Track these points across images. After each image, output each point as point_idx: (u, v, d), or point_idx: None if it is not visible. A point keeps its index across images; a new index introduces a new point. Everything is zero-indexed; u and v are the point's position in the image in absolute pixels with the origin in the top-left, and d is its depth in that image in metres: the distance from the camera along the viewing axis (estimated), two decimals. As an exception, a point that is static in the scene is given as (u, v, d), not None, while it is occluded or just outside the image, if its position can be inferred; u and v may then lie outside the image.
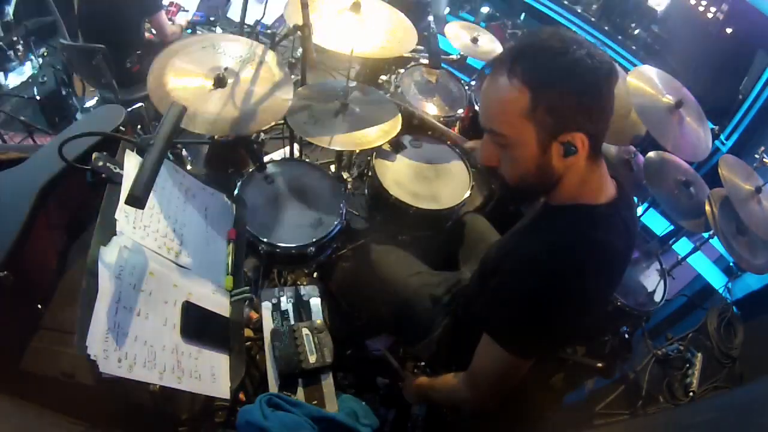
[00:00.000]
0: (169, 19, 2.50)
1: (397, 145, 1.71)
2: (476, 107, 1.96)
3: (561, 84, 0.71)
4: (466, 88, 2.07)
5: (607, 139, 0.82)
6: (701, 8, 3.17)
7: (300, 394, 1.00)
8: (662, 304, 1.72)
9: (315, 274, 1.72)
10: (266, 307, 1.13)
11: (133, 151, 0.97)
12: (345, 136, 1.49)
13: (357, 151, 2.13)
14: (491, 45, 2.25)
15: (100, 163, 0.89)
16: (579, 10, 3.76)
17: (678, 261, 2.16)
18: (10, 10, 2.57)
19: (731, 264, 2.55)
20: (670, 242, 2.30)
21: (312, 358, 1.03)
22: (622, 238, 0.84)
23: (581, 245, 0.80)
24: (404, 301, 1.27)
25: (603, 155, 0.84)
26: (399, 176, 1.64)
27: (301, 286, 1.18)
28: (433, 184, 1.65)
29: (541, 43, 0.73)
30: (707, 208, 1.76)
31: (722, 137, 3.08)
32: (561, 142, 0.75)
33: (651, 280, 1.78)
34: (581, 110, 0.73)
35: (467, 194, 1.62)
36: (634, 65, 3.25)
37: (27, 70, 2.68)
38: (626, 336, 1.81)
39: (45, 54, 2.72)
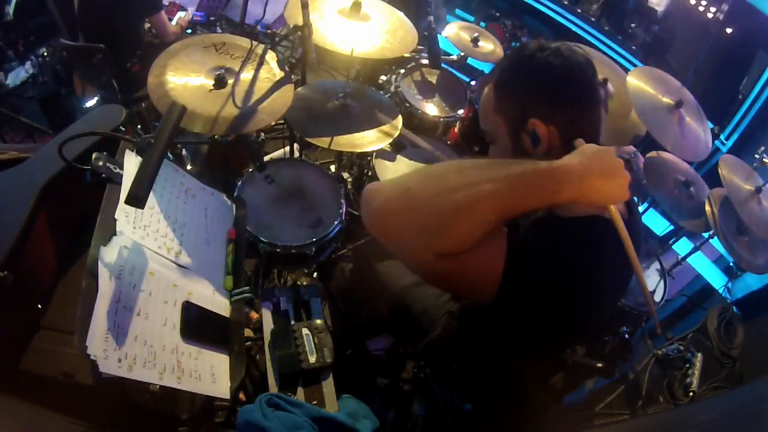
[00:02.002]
0: (169, 19, 2.50)
1: (397, 145, 1.71)
2: (476, 107, 1.96)
3: (516, 77, 0.78)
4: (466, 88, 2.07)
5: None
6: (701, 8, 3.18)
7: (300, 394, 1.00)
8: (662, 304, 1.72)
9: (315, 274, 1.72)
10: (266, 307, 1.13)
11: (133, 151, 0.97)
12: (345, 137, 1.49)
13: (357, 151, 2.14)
14: (491, 45, 2.25)
15: (100, 163, 0.89)
16: (579, 11, 3.76)
17: (678, 261, 2.16)
18: (10, 10, 2.57)
19: (731, 264, 2.55)
20: (670, 242, 2.30)
21: (312, 358, 1.03)
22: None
23: (569, 248, 0.77)
24: (404, 302, 1.26)
25: None
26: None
27: (301, 286, 1.18)
28: (433, 184, 1.65)
29: (517, 51, 0.80)
30: (707, 208, 1.76)
31: (722, 137, 3.08)
32: (526, 133, 0.78)
33: (651, 280, 1.78)
34: (538, 99, 0.76)
35: (467, 194, 1.61)
36: (634, 65, 3.27)
37: (27, 70, 2.68)
38: (626, 336, 1.81)
39: (45, 54, 2.71)
